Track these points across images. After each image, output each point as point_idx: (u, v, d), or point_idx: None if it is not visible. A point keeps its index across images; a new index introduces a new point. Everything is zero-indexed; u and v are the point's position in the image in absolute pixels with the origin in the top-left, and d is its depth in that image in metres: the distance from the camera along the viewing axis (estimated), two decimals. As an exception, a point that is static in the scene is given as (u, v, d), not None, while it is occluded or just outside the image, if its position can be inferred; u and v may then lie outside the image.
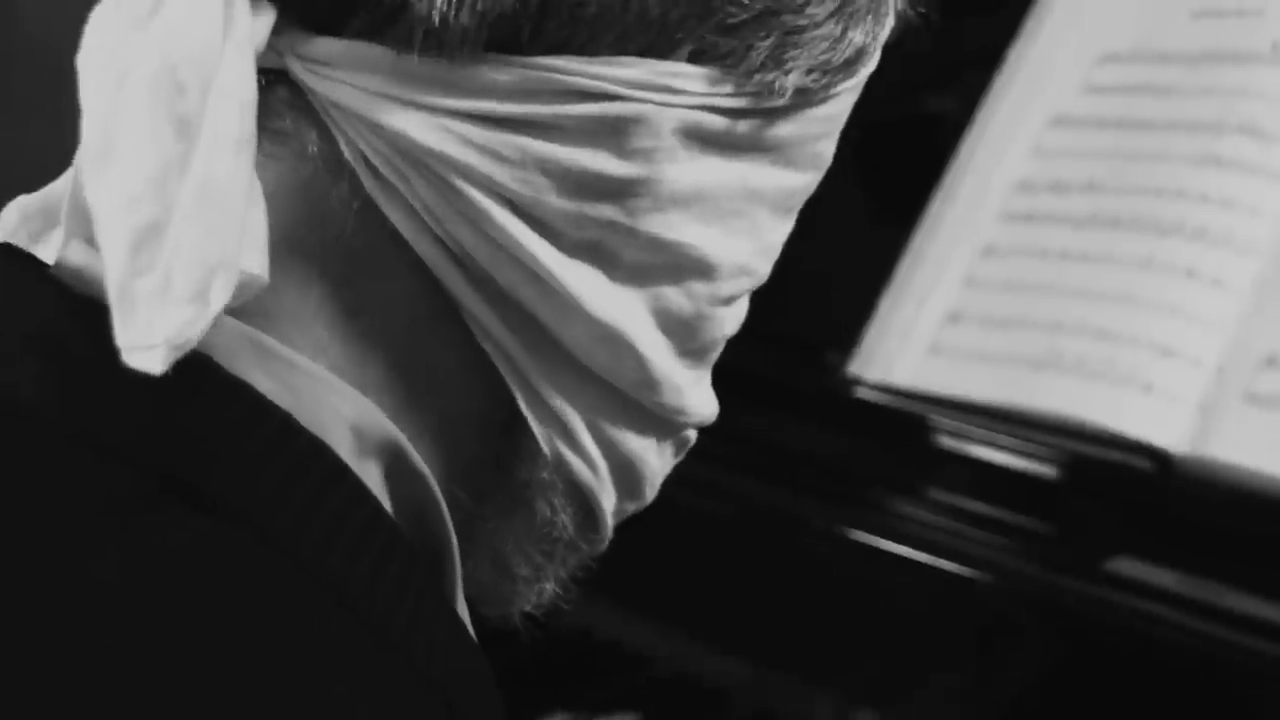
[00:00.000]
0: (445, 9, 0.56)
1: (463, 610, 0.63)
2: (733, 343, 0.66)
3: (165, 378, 0.53)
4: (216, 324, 0.56)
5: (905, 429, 1.19)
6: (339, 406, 0.58)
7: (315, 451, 0.57)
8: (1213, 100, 1.17)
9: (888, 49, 0.66)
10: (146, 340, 0.53)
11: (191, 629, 0.53)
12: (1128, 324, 1.12)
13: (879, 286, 1.24)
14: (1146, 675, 1.04)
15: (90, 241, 0.56)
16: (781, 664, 1.17)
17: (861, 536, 1.14)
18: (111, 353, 0.54)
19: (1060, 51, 1.27)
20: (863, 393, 1.21)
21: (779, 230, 0.64)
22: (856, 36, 0.62)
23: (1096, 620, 1.05)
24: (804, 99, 0.61)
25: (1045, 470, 1.12)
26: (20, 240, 0.62)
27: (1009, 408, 1.14)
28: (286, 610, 0.54)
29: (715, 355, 0.65)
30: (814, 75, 0.61)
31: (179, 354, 0.53)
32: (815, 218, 0.67)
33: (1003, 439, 1.13)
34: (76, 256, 0.58)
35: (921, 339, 1.21)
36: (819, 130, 0.63)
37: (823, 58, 0.61)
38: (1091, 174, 1.20)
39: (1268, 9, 1.18)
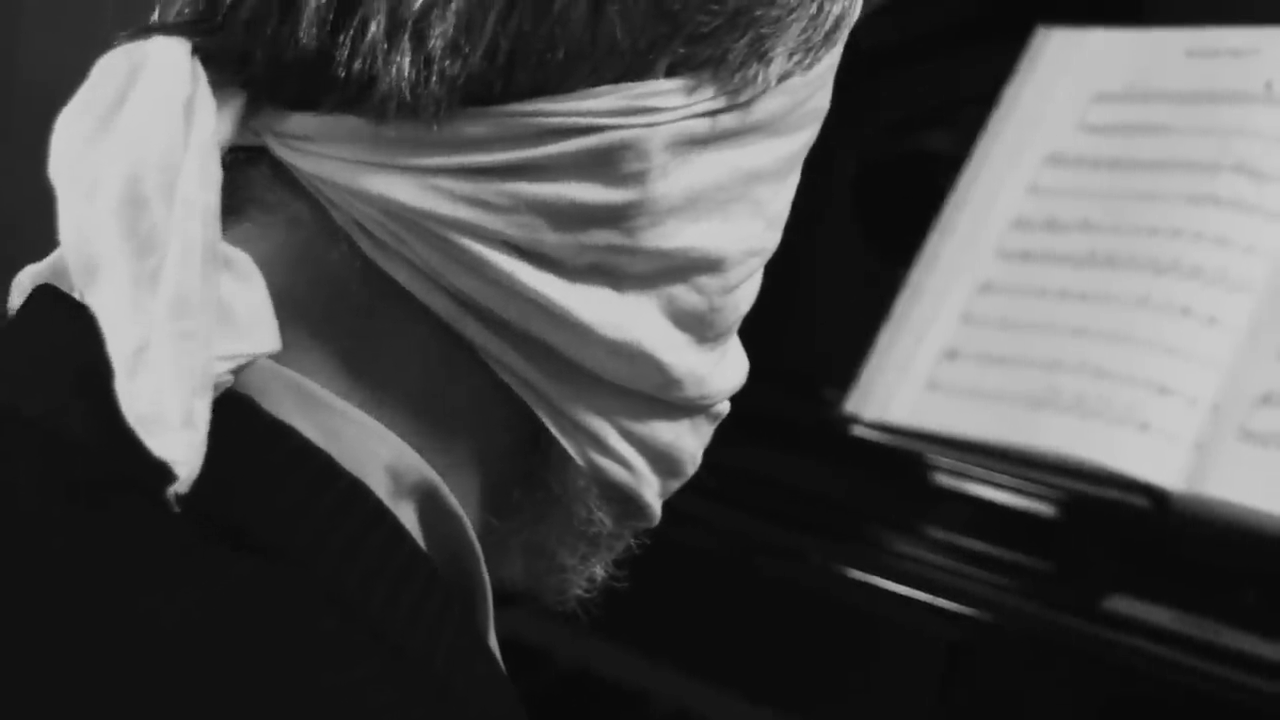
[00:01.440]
0: (414, 79, 0.56)
1: (494, 645, 0.63)
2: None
3: (210, 422, 0.54)
4: (259, 369, 0.57)
5: (902, 466, 1.19)
6: (376, 449, 0.58)
7: (356, 494, 0.57)
8: (1207, 139, 1.17)
9: (887, 89, 0.66)
10: (174, 457, 0.54)
11: (237, 670, 0.53)
12: (1124, 362, 1.12)
13: (877, 323, 1.24)
14: (1144, 713, 1.04)
15: None
16: (778, 701, 1.17)
17: (859, 574, 1.14)
18: None
19: (1056, 90, 1.27)
20: (860, 430, 1.21)
21: (782, 197, 0.63)
22: (834, 8, 0.61)
23: (1094, 657, 1.05)
24: (787, 76, 0.61)
25: (1042, 508, 1.12)
26: None
27: (1006, 446, 1.14)
28: (329, 650, 0.55)
29: (736, 329, 0.65)
30: (796, 56, 0.60)
31: (192, 477, 0.54)
32: (813, 255, 0.67)
33: (1000, 477, 1.14)
34: None
35: (919, 376, 1.21)
36: (806, 94, 0.62)
37: (802, 38, 0.60)
38: (1087, 212, 1.20)
39: (1262, 49, 1.19)
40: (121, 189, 0.56)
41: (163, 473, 0.53)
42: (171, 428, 0.54)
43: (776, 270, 0.65)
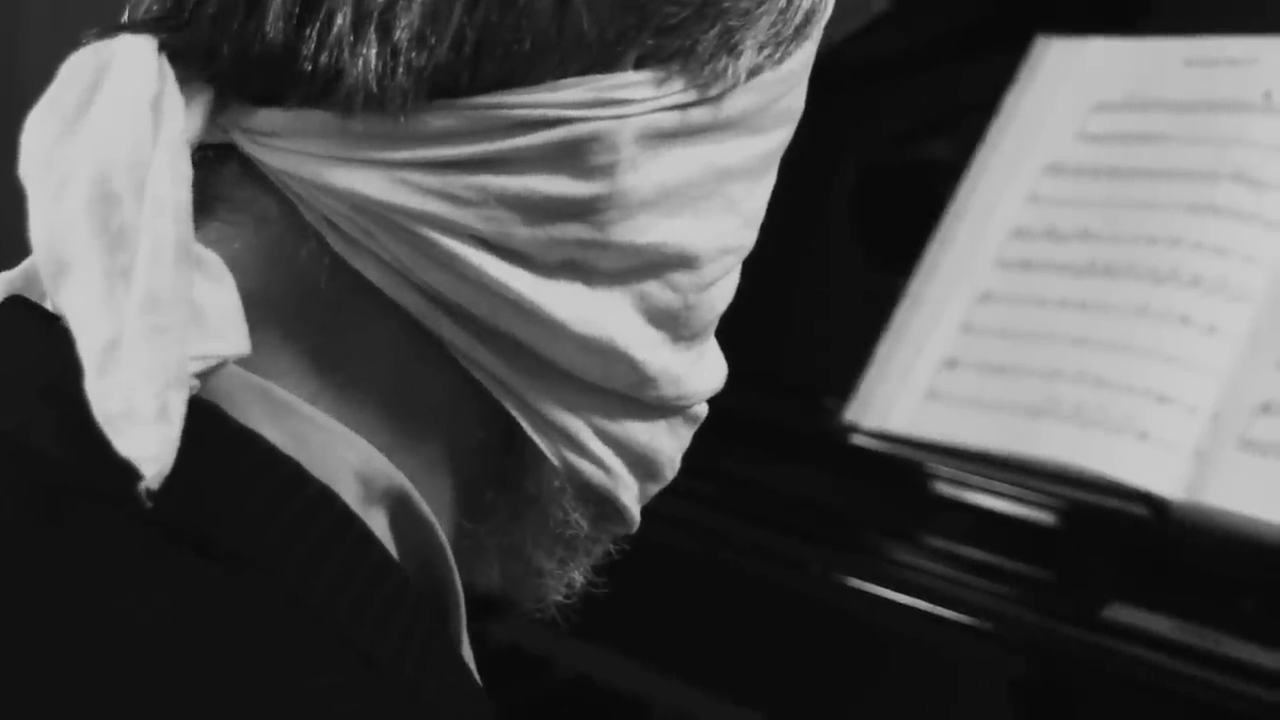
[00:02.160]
0: (381, 71, 0.56)
1: (467, 654, 0.63)
2: (729, 388, 0.66)
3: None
4: (226, 375, 0.57)
5: (902, 475, 1.20)
6: (345, 455, 0.58)
7: (324, 501, 0.57)
8: (1206, 148, 1.18)
9: (886, 97, 0.65)
10: (140, 454, 0.53)
11: (204, 678, 0.53)
12: (1124, 371, 1.12)
13: (876, 332, 1.24)
14: (1144, 722, 1.04)
15: None
16: (777, 709, 1.17)
17: (858, 583, 1.14)
18: None
19: (1055, 100, 1.27)
20: (860, 439, 1.21)
21: (758, 195, 0.63)
22: (804, 2, 0.61)
23: (1093, 666, 1.05)
24: (758, 72, 0.60)
25: (1041, 517, 1.12)
26: None
27: (1006, 455, 1.14)
28: (297, 657, 0.54)
29: (712, 329, 0.64)
30: (766, 50, 0.60)
31: (164, 474, 0.53)
32: (813, 263, 0.67)
33: (999, 486, 1.14)
34: None
35: (919, 385, 1.21)
36: (780, 91, 0.61)
37: (772, 31, 0.60)
38: (1086, 222, 1.21)
39: (1260, 58, 1.19)
40: (91, 187, 0.56)
41: (130, 478, 0.53)
42: (143, 422, 0.53)
43: (776, 278, 0.65)
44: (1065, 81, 1.28)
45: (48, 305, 0.60)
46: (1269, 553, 1.02)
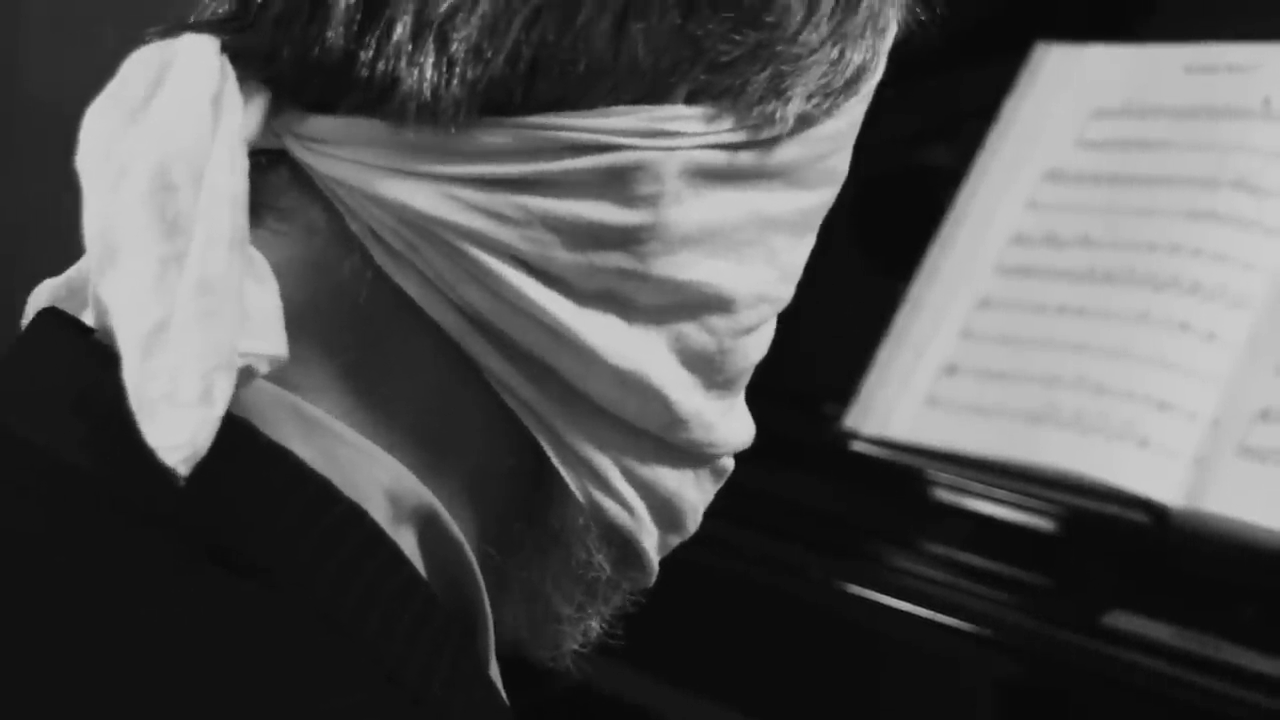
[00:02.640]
0: (436, 81, 0.56)
1: (494, 673, 0.63)
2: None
3: (210, 440, 0.54)
4: (257, 390, 0.57)
5: (902, 482, 1.19)
6: (376, 473, 0.58)
7: (353, 518, 0.57)
8: (1206, 155, 1.18)
9: (884, 104, 0.66)
10: (169, 442, 0.53)
11: (234, 694, 0.53)
12: (1123, 378, 1.12)
13: (876, 339, 1.24)
14: (1144, 729, 1.04)
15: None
16: (777, 715, 1.17)
17: (858, 590, 1.14)
18: None
19: (1055, 106, 1.27)
20: (860, 445, 1.21)
21: (798, 251, 0.63)
22: (855, 56, 0.61)
23: (1093, 672, 1.05)
24: (807, 122, 0.61)
25: (1041, 523, 1.12)
26: None
27: (1005, 461, 1.14)
28: (325, 674, 0.54)
29: (745, 381, 0.65)
30: (815, 100, 0.60)
31: (197, 458, 0.53)
32: (812, 269, 0.67)
33: (999, 492, 1.14)
34: None
35: (918, 391, 1.21)
36: (827, 148, 0.62)
37: (822, 81, 0.60)
38: (1086, 228, 1.21)
39: (1260, 65, 1.19)
40: (149, 177, 0.56)
41: (165, 493, 0.53)
42: (183, 405, 0.53)
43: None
44: (1065, 88, 1.28)
45: (85, 317, 0.60)
46: (1268, 559, 1.02)
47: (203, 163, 0.56)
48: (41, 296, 0.63)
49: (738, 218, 0.60)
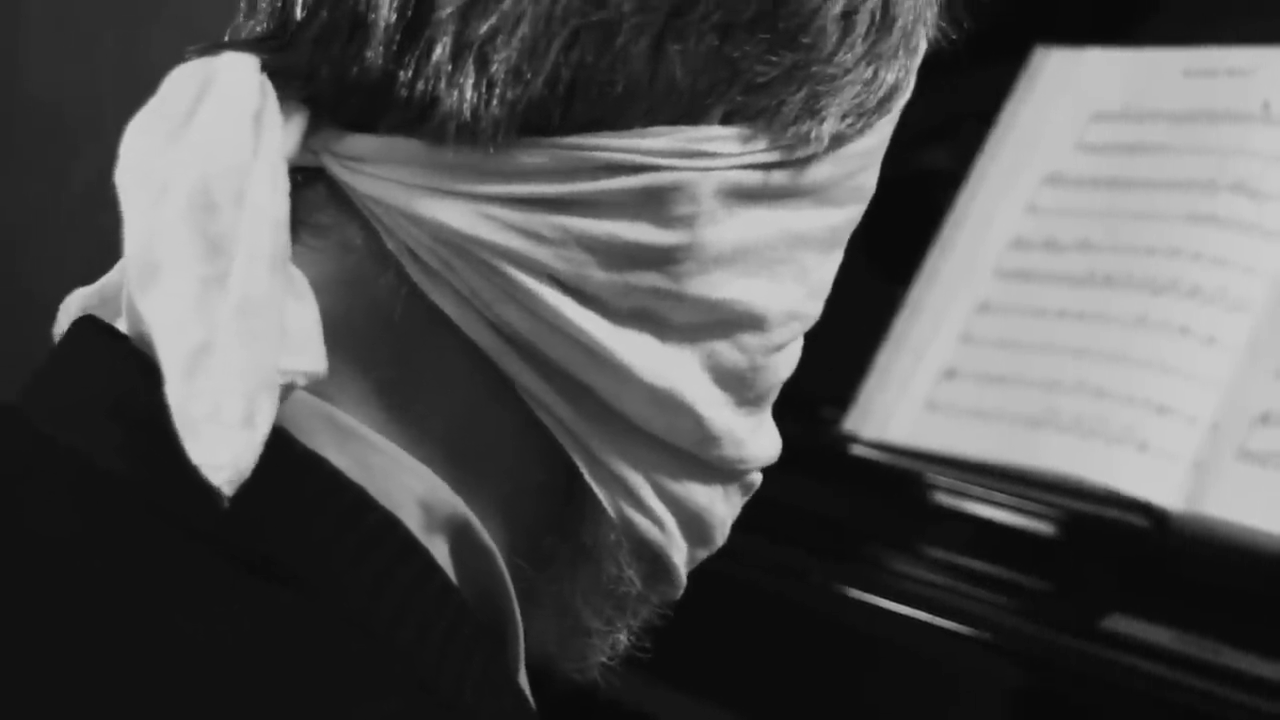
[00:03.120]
0: (476, 102, 0.56)
1: (523, 681, 0.63)
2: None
3: None
4: (293, 401, 0.57)
5: (901, 486, 1.20)
6: (409, 482, 0.59)
7: (388, 527, 0.57)
8: (1205, 159, 1.18)
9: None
10: (214, 461, 0.54)
11: (268, 702, 0.54)
12: (1123, 382, 1.12)
13: (876, 342, 1.25)
14: (1144, 733, 1.04)
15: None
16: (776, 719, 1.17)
17: (858, 594, 1.14)
18: None
19: (1054, 110, 1.27)
20: (859, 449, 1.21)
21: (827, 267, 0.64)
22: (889, 76, 0.62)
23: (1093, 677, 1.05)
24: (840, 141, 0.61)
25: (1041, 527, 1.12)
26: None
27: (1005, 465, 1.14)
28: (358, 682, 0.55)
29: (774, 397, 0.65)
30: (848, 119, 0.61)
31: (241, 478, 0.54)
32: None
33: (999, 496, 1.14)
34: None
35: (918, 395, 1.21)
36: (858, 165, 0.63)
37: (856, 101, 0.61)
38: (1085, 232, 1.21)
39: (1259, 68, 1.19)
40: (190, 195, 0.56)
41: (200, 497, 0.53)
42: (227, 426, 0.54)
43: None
44: (1064, 92, 1.28)
45: (120, 325, 0.60)
46: (1268, 563, 1.02)
47: (244, 181, 0.56)
48: (73, 305, 0.63)
49: (770, 236, 0.61)
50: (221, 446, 0.54)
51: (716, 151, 0.59)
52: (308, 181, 0.59)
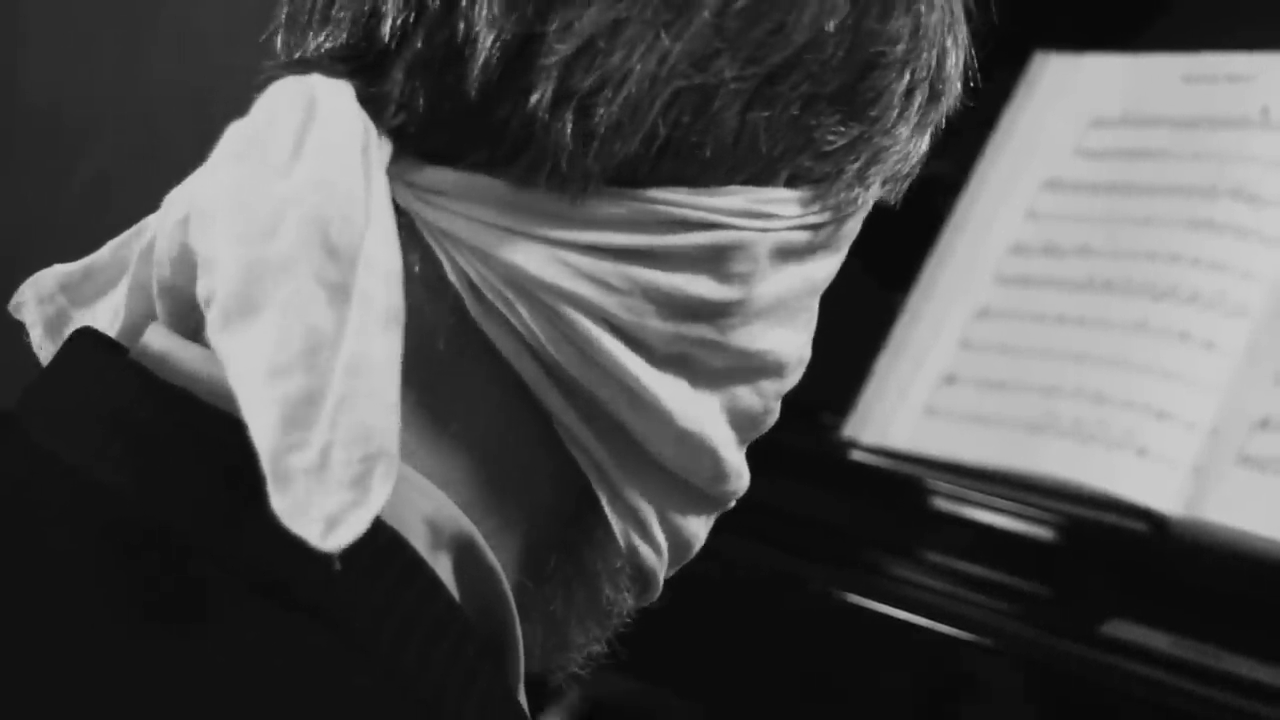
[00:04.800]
0: (574, 150, 0.57)
1: (522, 698, 0.63)
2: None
3: (247, 471, 0.53)
4: None
5: (901, 491, 1.19)
6: (417, 501, 0.59)
7: (395, 547, 0.58)
8: (1204, 164, 1.18)
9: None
10: (304, 513, 0.53)
11: None
12: (1122, 387, 1.12)
13: (875, 348, 1.25)
14: (1143, 738, 1.04)
15: (181, 332, 0.58)
16: (778, 726, 1.17)
17: (857, 599, 1.14)
18: (193, 440, 0.55)
19: (1053, 116, 1.27)
20: (859, 455, 1.21)
21: (815, 310, 0.66)
22: (920, 146, 0.65)
23: (1093, 682, 1.05)
24: (870, 202, 0.65)
25: (1040, 533, 1.12)
26: (59, 305, 0.63)
27: (1005, 470, 1.14)
28: (363, 706, 0.55)
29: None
30: (887, 185, 0.65)
31: (341, 541, 0.53)
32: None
33: (998, 502, 1.14)
34: (159, 342, 0.59)
35: (917, 401, 1.21)
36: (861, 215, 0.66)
37: (896, 168, 0.64)
38: (1085, 238, 1.21)
39: (1258, 74, 1.19)
40: (308, 238, 0.55)
41: (207, 521, 0.53)
42: (334, 485, 0.53)
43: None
44: (1064, 97, 1.28)
45: (99, 306, 0.60)
46: (1268, 568, 1.02)
47: (361, 227, 0.55)
48: (48, 280, 0.63)
49: (800, 288, 0.63)
50: (320, 501, 0.53)
51: (778, 214, 0.60)
52: None
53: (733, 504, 0.68)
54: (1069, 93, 1.28)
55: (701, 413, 0.62)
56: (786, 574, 1.19)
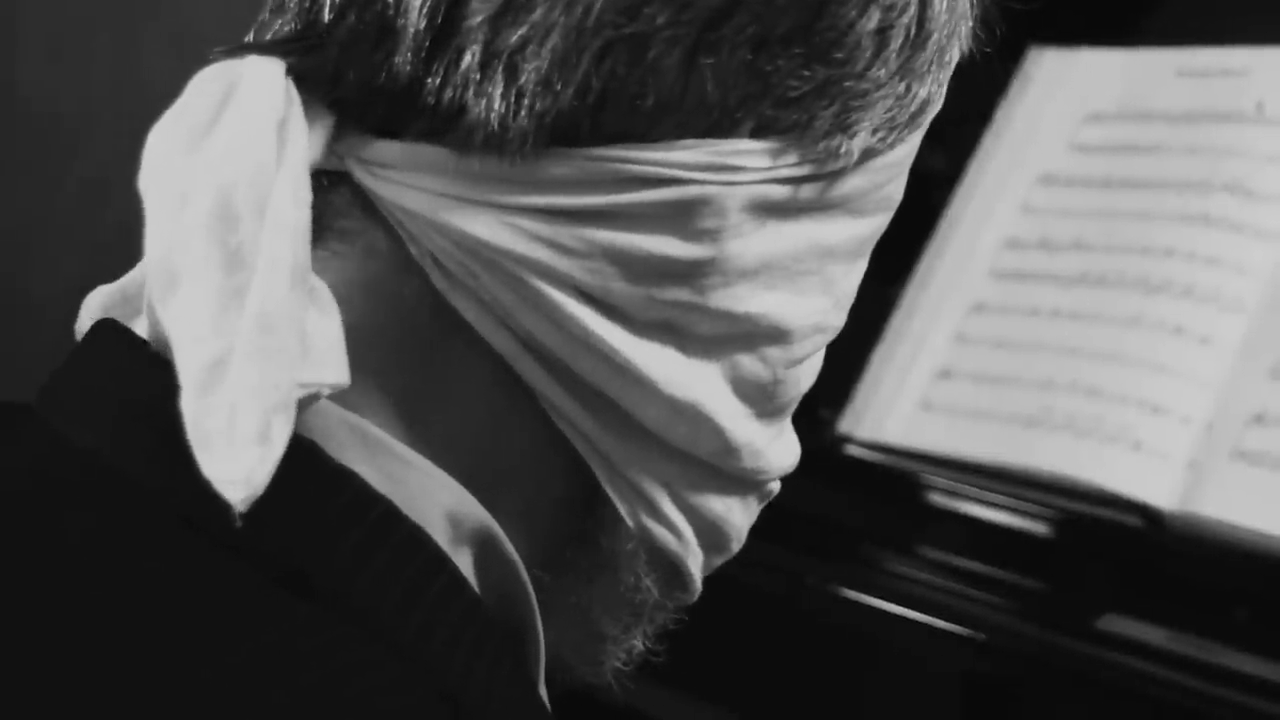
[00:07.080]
0: (503, 112, 0.56)
1: (543, 690, 0.63)
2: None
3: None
4: (322, 412, 0.57)
5: (896, 486, 1.20)
6: (438, 495, 0.59)
7: (416, 540, 0.57)
8: (1199, 159, 1.18)
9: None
10: (226, 477, 0.53)
11: (290, 715, 0.53)
12: (1117, 382, 1.12)
13: (870, 343, 1.25)
14: (1138, 732, 1.04)
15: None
16: (774, 721, 1.17)
17: (853, 594, 1.14)
18: None
19: (1048, 110, 1.28)
20: (854, 450, 1.21)
21: (852, 278, 0.64)
22: (921, 90, 0.61)
23: (1088, 676, 1.05)
24: (869, 155, 0.61)
25: (1036, 527, 1.12)
26: None
27: (1000, 465, 1.14)
28: (387, 698, 0.55)
29: (794, 407, 0.65)
30: (880, 134, 0.61)
31: (254, 495, 0.53)
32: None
33: (993, 496, 1.14)
34: None
35: (913, 396, 1.21)
36: (886, 177, 0.62)
37: (888, 115, 0.60)
38: (1079, 232, 1.21)
39: (1252, 68, 1.19)
40: (212, 204, 0.56)
41: (220, 507, 0.53)
42: (242, 442, 0.53)
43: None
44: (1058, 92, 1.28)
45: (138, 325, 0.60)
46: (1262, 563, 1.02)
47: (266, 192, 0.56)
48: (94, 303, 0.63)
49: (797, 249, 0.60)
50: (234, 462, 0.53)
51: (745, 165, 0.58)
52: (332, 185, 0.59)
53: (772, 487, 0.65)
54: (1064, 87, 1.28)
55: (693, 381, 0.60)
56: (782, 569, 1.19)
